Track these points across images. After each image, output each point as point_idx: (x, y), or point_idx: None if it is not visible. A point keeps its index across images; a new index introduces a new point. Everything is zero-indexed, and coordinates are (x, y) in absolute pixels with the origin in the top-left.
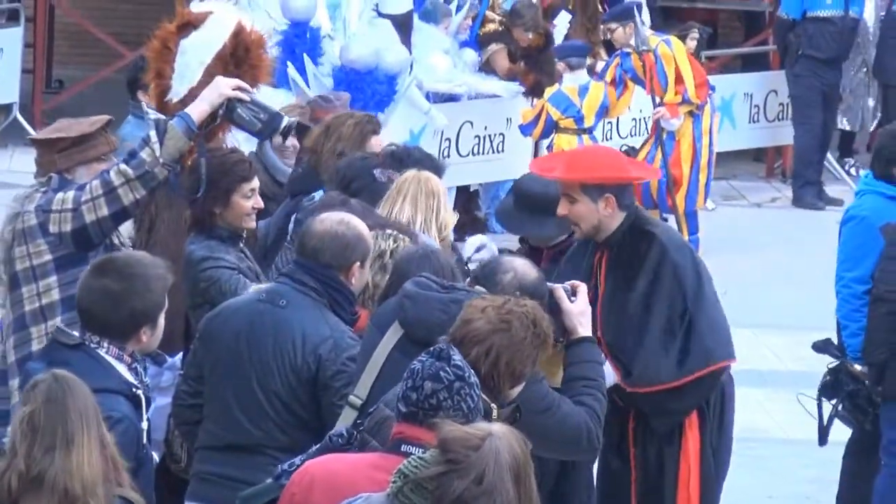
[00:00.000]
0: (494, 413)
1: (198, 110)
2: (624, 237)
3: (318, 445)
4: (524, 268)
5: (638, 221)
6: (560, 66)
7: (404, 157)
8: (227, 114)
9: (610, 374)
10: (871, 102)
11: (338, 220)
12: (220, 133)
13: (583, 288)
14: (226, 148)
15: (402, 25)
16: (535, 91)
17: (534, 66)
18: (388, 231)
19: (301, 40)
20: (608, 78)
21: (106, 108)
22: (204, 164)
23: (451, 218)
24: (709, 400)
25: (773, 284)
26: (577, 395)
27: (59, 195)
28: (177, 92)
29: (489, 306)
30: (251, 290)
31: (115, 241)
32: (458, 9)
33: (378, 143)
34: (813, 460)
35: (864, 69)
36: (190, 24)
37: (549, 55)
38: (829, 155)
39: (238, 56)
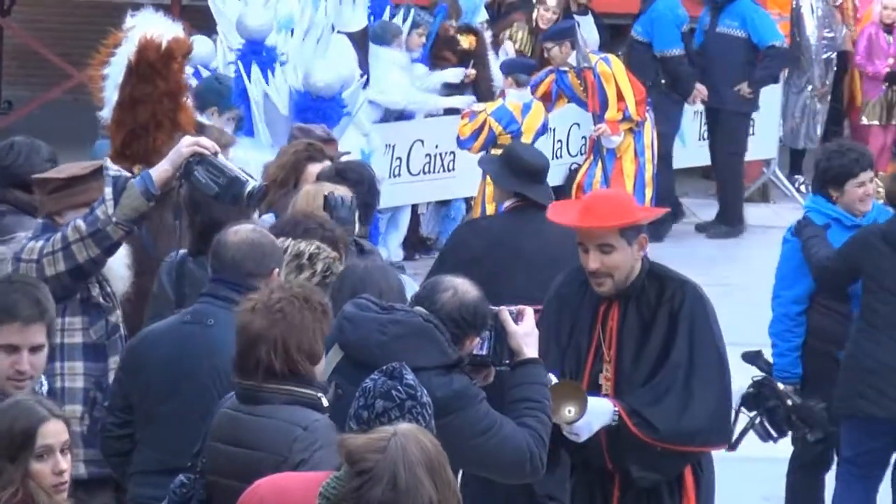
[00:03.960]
0: (324, 401)
1: (159, 171)
2: (644, 285)
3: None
4: (464, 286)
5: (655, 267)
6: (507, 81)
7: (346, 174)
8: (184, 175)
9: (604, 414)
10: (816, 120)
11: (251, 229)
12: None
13: (529, 311)
14: None
15: (359, 42)
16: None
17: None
18: (315, 243)
19: (258, 58)
20: (539, 94)
21: (55, 128)
22: (179, 227)
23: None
24: (700, 461)
25: (720, 301)
26: (520, 417)
27: (31, 244)
28: (104, 116)
29: (256, 303)
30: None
31: (94, 292)
32: (413, 26)
33: (314, 169)
34: (766, 477)
35: (809, 88)
36: (117, 45)
37: (483, 58)
38: (778, 172)
39: (142, 72)
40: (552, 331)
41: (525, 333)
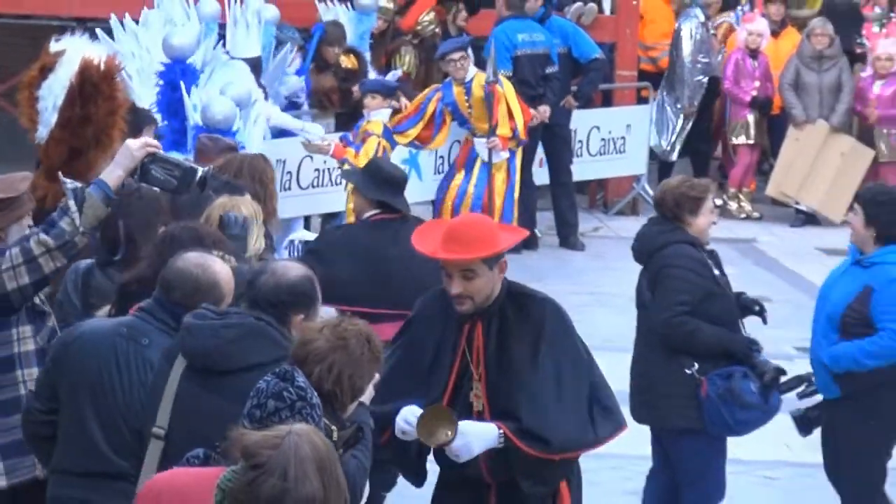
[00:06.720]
0: (335, 434)
1: (113, 177)
2: (504, 304)
3: (174, 468)
4: (284, 268)
5: (513, 286)
6: (376, 100)
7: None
8: (142, 176)
9: (488, 438)
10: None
11: (196, 261)
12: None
13: None
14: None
15: (255, 69)
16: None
17: (347, 90)
18: (216, 253)
19: (181, 77)
20: (428, 112)
21: None
22: (122, 227)
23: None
24: (573, 467)
25: (594, 309)
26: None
27: None
28: (40, 136)
29: (325, 326)
30: (107, 319)
31: (37, 300)
32: (279, 43)
33: None
34: (632, 473)
35: (679, 107)
36: (47, 67)
37: (365, 77)
38: (647, 187)
39: (86, 92)
40: (415, 351)
41: None
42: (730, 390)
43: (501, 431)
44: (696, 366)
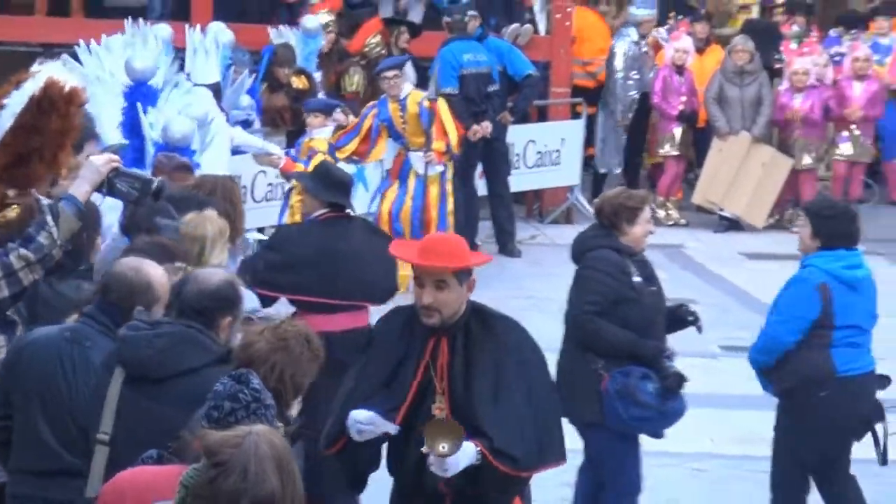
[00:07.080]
0: (282, 431)
1: (82, 192)
2: (470, 320)
3: (134, 467)
4: (205, 274)
5: (476, 304)
6: (318, 119)
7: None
8: (109, 190)
9: (470, 454)
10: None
11: (130, 265)
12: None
13: None
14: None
15: (215, 93)
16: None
17: (298, 109)
18: (177, 264)
19: (141, 98)
20: (364, 127)
21: None
22: (86, 237)
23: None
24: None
25: (531, 313)
26: None
27: None
28: None
29: (266, 329)
30: (55, 326)
31: (9, 311)
32: (228, 65)
33: None
34: (567, 466)
35: (612, 121)
36: (20, 82)
37: (315, 97)
38: (580, 197)
39: (43, 105)
40: (377, 366)
41: None
42: (626, 386)
43: (479, 449)
44: (602, 363)
